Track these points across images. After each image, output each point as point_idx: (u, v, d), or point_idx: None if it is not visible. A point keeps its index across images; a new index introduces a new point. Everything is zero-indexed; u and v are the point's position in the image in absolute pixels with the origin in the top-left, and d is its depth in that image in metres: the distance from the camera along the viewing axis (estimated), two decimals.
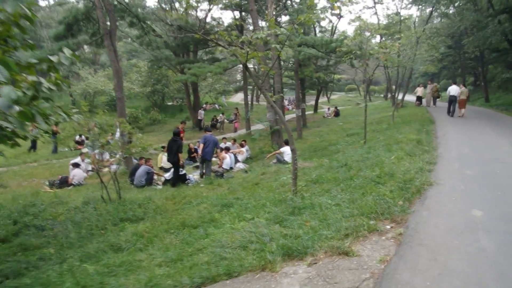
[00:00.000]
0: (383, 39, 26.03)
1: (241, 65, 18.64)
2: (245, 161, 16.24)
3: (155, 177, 13.39)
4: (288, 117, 32.96)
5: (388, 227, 5.05)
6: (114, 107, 36.12)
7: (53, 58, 4.70)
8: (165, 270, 5.14)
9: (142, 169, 12.65)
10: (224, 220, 7.32)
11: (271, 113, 16.02)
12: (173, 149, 12.24)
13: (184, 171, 12.83)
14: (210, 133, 13.72)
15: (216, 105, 41.97)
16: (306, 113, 34.81)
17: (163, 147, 16.56)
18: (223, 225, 6.87)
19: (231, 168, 14.68)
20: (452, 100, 19.11)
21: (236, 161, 15.79)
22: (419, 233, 4.70)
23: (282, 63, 29.81)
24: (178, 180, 12.36)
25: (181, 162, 12.52)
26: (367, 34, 16.09)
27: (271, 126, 16.15)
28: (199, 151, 13.41)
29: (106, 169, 16.81)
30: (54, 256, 7.06)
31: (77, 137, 22.63)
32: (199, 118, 28.72)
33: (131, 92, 36.20)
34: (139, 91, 35.24)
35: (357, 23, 31.66)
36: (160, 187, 12.62)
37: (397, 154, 9.30)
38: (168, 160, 12.47)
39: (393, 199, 5.89)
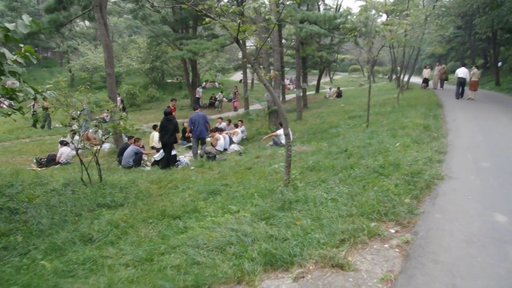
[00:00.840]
0: (390, 17, 24.80)
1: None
2: (241, 142, 15.41)
3: (145, 157, 12.60)
4: (288, 97, 32.02)
5: (393, 231, 4.25)
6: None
7: (10, 26, 4.30)
8: (131, 272, 4.38)
9: (130, 149, 11.85)
10: (207, 210, 6.58)
11: (269, 93, 15.09)
12: (170, 128, 11.41)
13: (174, 152, 12.02)
14: (197, 110, 12.88)
15: (216, 83, 40.93)
16: (308, 93, 33.85)
17: (154, 126, 15.72)
18: (205, 218, 6.10)
19: (225, 149, 13.87)
20: (461, 82, 18.60)
21: (231, 142, 14.97)
22: (431, 243, 3.86)
23: (284, 41, 28.80)
24: (169, 162, 11.56)
25: (178, 142, 11.75)
26: (373, 11, 15.09)
27: (269, 106, 15.27)
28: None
29: (96, 148, 16.14)
30: (20, 246, 6.31)
31: (74, 113, 21.62)
32: (197, 96, 27.80)
33: (130, 69, 35.20)
34: (138, 67, 34.18)
35: (362, 2, 30.46)
36: (148, 168, 11.84)
37: (403, 141, 8.46)
38: (163, 141, 11.64)
39: (398, 196, 5.07)
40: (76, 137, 14.95)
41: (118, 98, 24.15)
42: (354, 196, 5.20)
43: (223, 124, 17.00)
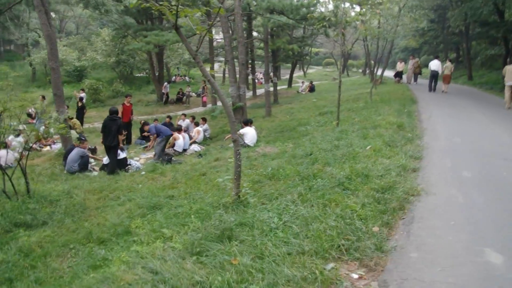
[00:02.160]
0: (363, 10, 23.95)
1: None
2: (204, 141, 14.27)
3: (92, 161, 11.31)
4: (260, 91, 30.84)
5: (355, 276, 3.20)
6: (76, 78, 33.69)
7: None
8: None
9: (74, 153, 10.56)
10: (140, 233, 5.45)
11: (234, 87, 13.97)
12: (112, 129, 10.12)
13: (124, 155, 10.78)
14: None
15: (187, 78, 39.50)
16: (280, 87, 32.84)
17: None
18: (132, 245, 4.99)
19: (185, 150, 12.70)
20: (434, 75, 18.57)
21: (193, 142, 13.83)
22: None
23: (255, 33, 27.64)
24: (116, 166, 10.33)
25: (121, 144, 10.47)
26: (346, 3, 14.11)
27: (233, 102, 14.12)
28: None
29: (46, 148, 14.72)
30: None
31: (30, 110, 19.71)
32: (163, 91, 26.43)
33: (95, 63, 33.52)
34: (103, 61, 32.50)
35: None
36: (95, 173, 10.57)
37: (374, 144, 7.46)
38: (105, 144, 10.38)
39: (365, 222, 4.04)
40: (20, 138, 13.59)
41: (82, 94, 22.69)
42: (311, 222, 4.13)
43: (187, 121, 15.81)
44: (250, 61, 29.61)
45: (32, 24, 36.01)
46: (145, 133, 14.42)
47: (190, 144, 13.47)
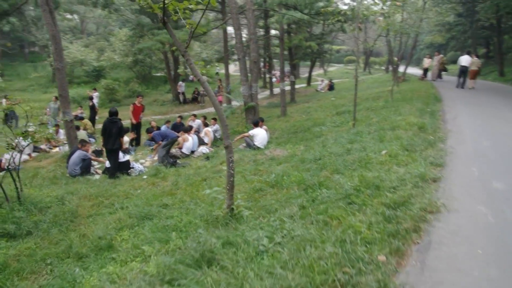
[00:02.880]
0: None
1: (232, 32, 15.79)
2: (215, 142, 13.65)
3: (95, 164, 10.81)
4: (277, 90, 30.09)
5: None
6: (95, 78, 33.61)
7: None
8: None
9: (76, 156, 10.06)
10: (121, 248, 4.87)
11: (246, 87, 13.31)
12: (113, 132, 9.57)
13: (127, 157, 10.24)
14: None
15: (205, 77, 38.98)
16: (298, 86, 32.04)
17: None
18: (108, 263, 4.41)
19: (193, 152, 12.09)
20: (463, 70, 17.93)
21: (202, 143, 13.22)
22: None
23: (273, 31, 26.87)
24: (118, 169, 9.80)
25: (123, 147, 9.93)
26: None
27: (245, 102, 13.47)
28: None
29: (55, 150, 14.35)
30: None
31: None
32: (178, 90, 25.98)
33: (113, 63, 33.38)
34: (119, 61, 32.31)
35: None
36: (97, 177, 10.06)
37: (390, 148, 6.67)
38: (106, 147, 9.84)
39: (370, 247, 3.30)
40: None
41: (94, 94, 22.42)
42: (303, 247, 3.42)
43: (198, 122, 15.23)
44: (267, 59, 28.93)
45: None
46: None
47: (200, 144, 12.90)
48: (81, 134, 13.62)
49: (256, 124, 11.50)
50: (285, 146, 10.33)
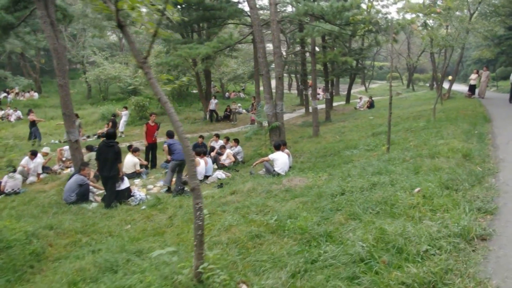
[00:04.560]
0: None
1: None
2: (234, 166, 12.52)
3: (94, 190, 9.88)
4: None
5: None
6: (129, 95, 33.43)
7: None
8: None
9: (72, 181, 9.20)
10: None
11: (269, 105, 12.13)
12: (109, 157, 8.59)
13: (126, 185, 9.22)
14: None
15: (241, 94, 38.16)
16: (337, 103, 30.56)
17: (129, 146, 13.06)
18: None
19: (207, 177, 11.00)
20: None
21: (222, 166, 12.15)
22: None
23: (306, 48, 25.68)
24: (115, 198, 8.80)
25: (121, 174, 8.92)
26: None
27: (269, 122, 12.29)
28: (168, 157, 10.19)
29: (67, 171, 13.63)
30: None
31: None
32: (210, 108, 25.09)
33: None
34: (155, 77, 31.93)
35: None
36: (94, 205, 9.11)
37: (426, 186, 5.27)
38: (101, 174, 8.89)
39: None
40: (38, 158, 12.58)
41: (124, 112, 21.94)
42: None
43: (220, 143, 14.17)
44: (302, 75, 27.75)
45: (87, 42, 36.45)
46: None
47: (218, 168, 11.85)
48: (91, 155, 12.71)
49: (277, 148, 10.30)
50: (308, 173, 9.05)
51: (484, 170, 6.15)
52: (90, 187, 9.72)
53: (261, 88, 14.94)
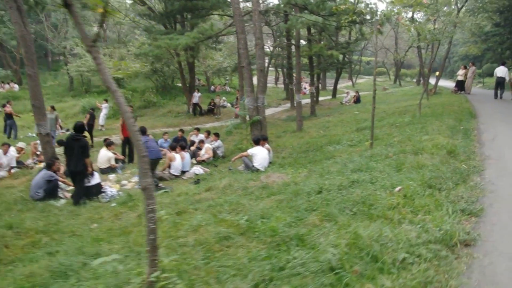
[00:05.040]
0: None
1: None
2: (215, 161, 12.12)
3: (63, 186, 9.37)
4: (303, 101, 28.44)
5: None
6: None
7: None
8: None
9: (39, 176, 8.68)
10: None
11: (251, 99, 11.72)
12: (75, 151, 8.07)
13: (97, 181, 8.74)
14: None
15: (227, 87, 37.62)
16: (323, 98, 30.24)
17: (105, 140, 12.56)
18: None
19: (184, 172, 10.57)
20: (500, 82, 17.05)
21: (200, 161, 11.75)
22: None
23: (292, 41, 25.26)
24: (83, 195, 8.32)
25: (89, 170, 8.42)
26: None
27: (250, 116, 11.88)
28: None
29: (41, 165, 13.06)
30: None
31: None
32: (193, 101, 24.55)
33: (132, 71, 32.37)
34: (137, 70, 31.29)
35: None
36: (63, 201, 8.62)
37: (407, 184, 4.92)
38: (68, 168, 8.39)
39: None
40: (12, 151, 12.03)
41: (104, 105, 21.32)
42: None
43: (201, 136, 13.74)
44: (288, 69, 27.37)
45: (69, 33, 35.61)
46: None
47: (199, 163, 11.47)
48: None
49: (256, 142, 9.92)
50: (288, 169, 8.69)
51: (469, 168, 5.85)
52: (60, 183, 9.23)
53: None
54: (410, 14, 9.00)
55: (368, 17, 10.45)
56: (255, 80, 12.59)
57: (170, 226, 5.63)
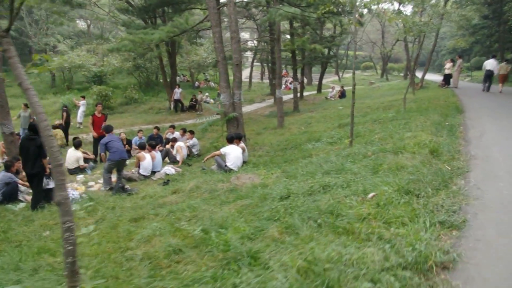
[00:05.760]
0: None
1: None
2: (188, 160, 11.53)
3: (23, 189, 8.69)
4: (286, 97, 27.88)
5: None
6: (96, 84, 31.79)
7: None
8: None
9: None
10: None
11: (226, 94, 11.11)
12: (30, 152, 7.41)
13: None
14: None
15: (211, 83, 36.95)
16: (308, 93, 29.71)
17: (74, 138, 11.88)
18: None
19: (154, 172, 9.95)
20: (488, 75, 17.09)
21: (174, 161, 11.13)
22: None
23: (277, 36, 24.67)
24: (42, 198, 7.67)
25: (47, 171, 7.75)
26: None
27: (225, 112, 11.26)
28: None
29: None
30: None
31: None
32: (175, 97, 23.81)
33: (115, 68, 31.57)
34: (119, 66, 30.53)
35: None
36: (22, 205, 7.97)
37: (382, 190, 4.36)
38: (25, 170, 7.72)
39: None
40: None
41: (82, 102, 20.51)
42: None
43: (176, 134, 13.12)
44: (271, 64, 26.79)
45: (51, 29, 34.67)
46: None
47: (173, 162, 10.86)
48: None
49: (230, 141, 9.35)
50: (261, 169, 8.11)
51: (453, 169, 5.30)
52: (19, 186, 8.56)
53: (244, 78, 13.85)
54: (396, 6, 8.41)
55: (347, 8, 9.91)
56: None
57: (124, 235, 5.06)
